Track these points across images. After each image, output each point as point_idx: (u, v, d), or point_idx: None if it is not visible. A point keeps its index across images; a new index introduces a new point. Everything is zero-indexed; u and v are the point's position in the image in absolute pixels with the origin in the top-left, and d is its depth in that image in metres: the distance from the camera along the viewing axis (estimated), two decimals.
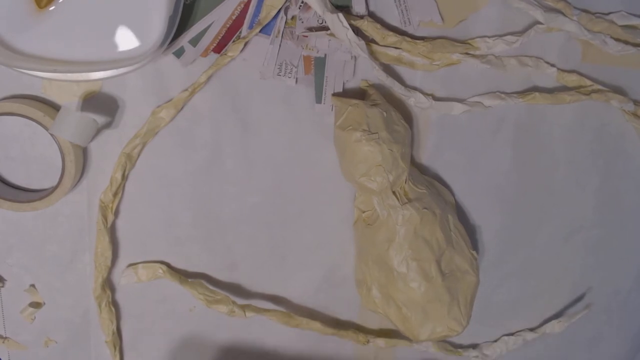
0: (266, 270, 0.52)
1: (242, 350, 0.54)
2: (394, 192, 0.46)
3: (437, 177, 0.52)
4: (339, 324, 0.53)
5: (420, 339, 0.48)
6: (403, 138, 0.46)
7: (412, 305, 0.47)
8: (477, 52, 0.49)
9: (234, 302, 0.49)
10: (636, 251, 0.58)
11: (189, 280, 0.50)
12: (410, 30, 0.47)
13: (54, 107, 0.44)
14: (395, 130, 0.45)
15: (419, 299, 0.47)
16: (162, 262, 0.50)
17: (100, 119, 0.45)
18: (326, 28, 0.45)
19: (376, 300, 0.49)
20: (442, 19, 0.47)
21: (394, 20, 0.47)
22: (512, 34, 0.49)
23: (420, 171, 0.51)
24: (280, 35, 0.45)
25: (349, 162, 0.46)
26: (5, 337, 0.50)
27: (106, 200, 0.46)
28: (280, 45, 0.45)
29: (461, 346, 0.57)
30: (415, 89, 0.49)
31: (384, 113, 0.45)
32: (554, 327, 0.57)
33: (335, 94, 0.47)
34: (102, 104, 0.45)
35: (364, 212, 0.48)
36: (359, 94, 0.48)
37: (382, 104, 0.46)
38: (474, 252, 0.50)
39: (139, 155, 0.46)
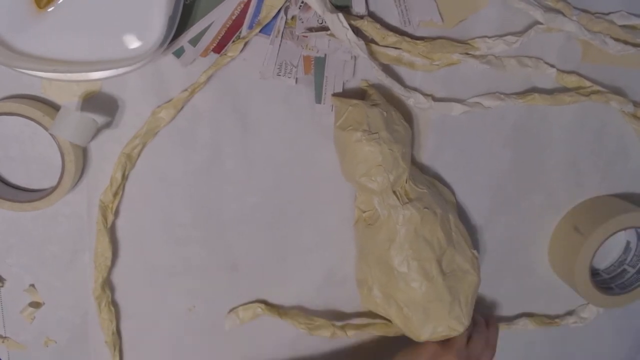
0: (266, 270, 0.52)
1: (243, 348, 0.54)
2: (394, 192, 0.46)
3: (438, 177, 0.52)
4: None
5: (421, 339, 0.48)
6: (403, 138, 0.46)
7: (413, 305, 0.47)
8: (477, 53, 0.48)
9: (334, 325, 0.51)
10: None
11: (288, 312, 0.52)
12: (410, 30, 0.47)
13: (54, 107, 0.44)
14: (396, 130, 0.45)
15: (420, 299, 0.47)
16: (259, 301, 0.52)
17: (100, 119, 0.45)
18: (326, 28, 0.45)
19: (377, 300, 0.49)
20: (442, 19, 0.47)
21: (394, 20, 0.47)
22: (512, 34, 0.49)
23: (421, 171, 0.51)
24: (280, 35, 0.45)
25: (350, 162, 0.45)
26: (5, 337, 0.50)
27: (106, 200, 0.46)
28: (280, 45, 0.45)
29: (557, 316, 0.59)
30: (415, 89, 0.49)
31: (384, 113, 0.45)
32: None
33: (335, 94, 0.47)
34: (102, 104, 0.45)
35: (364, 212, 0.48)
36: (359, 94, 0.48)
37: (382, 104, 0.46)
38: (474, 252, 0.50)
39: (139, 156, 0.46)
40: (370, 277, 0.49)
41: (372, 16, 0.46)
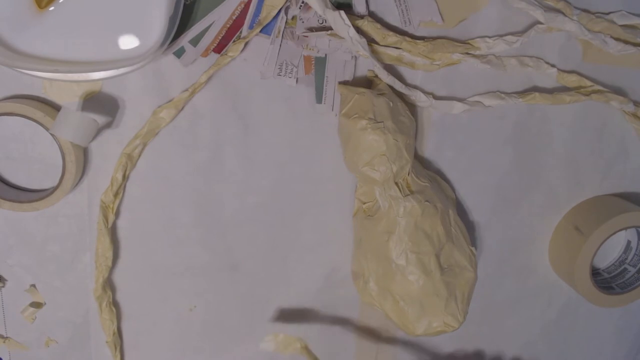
0: (267, 270, 0.52)
1: (242, 349, 0.54)
2: (396, 183, 0.46)
3: (438, 175, 0.52)
4: None
5: (416, 334, 0.48)
6: (408, 129, 0.46)
7: (409, 299, 0.47)
8: (478, 52, 0.49)
9: None
10: None
11: None
12: (410, 30, 0.47)
13: (55, 107, 0.44)
14: (401, 120, 0.45)
15: (417, 293, 0.47)
16: (300, 339, 0.53)
17: (101, 119, 0.45)
18: (327, 28, 0.45)
19: (373, 293, 0.48)
20: (443, 18, 0.47)
21: (394, 20, 0.47)
22: (512, 33, 0.49)
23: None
24: (281, 35, 0.45)
25: (353, 151, 0.45)
26: (6, 337, 0.50)
27: (107, 201, 0.46)
28: (280, 45, 0.45)
29: None
30: (416, 87, 0.49)
31: (391, 103, 0.45)
32: None
33: (341, 82, 0.47)
34: (102, 104, 0.45)
35: (364, 203, 0.48)
36: (366, 84, 0.48)
37: (388, 93, 0.46)
38: (472, 249, 0.50)
39: (139, 156, 0.46)
40: (367, 269, 0.48)
41: (373, 16, 0.46)
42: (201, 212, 0.49)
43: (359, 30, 0.45)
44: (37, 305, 0.49)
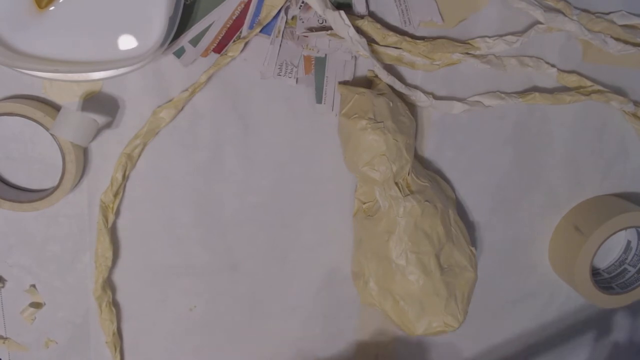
0: (267, 270, 0.52)
1: (242, 349, 0.54)
2: (396, 183, 0.46)
3: (438, 174, 0.52)
4: None
5: (416, 333, 0.48)
6: (408, 129, 0.46)
7: (409, 299, 0.47)
8: (478, 52, 0.49)
9: None
10: None
11: None
12: (410, 30, 0.47)
13: (55, 107, 0.44)
14: (401, 120, 0.45)
15: (417, 293, 0.47)
16: None
17: (101, 119, 0.45)
18: (327, 28, 0.45)
19: (373, 293, 0.48)
20: (443, 18, 0.47)
21: (394, 20, 0.47)
22: (512, 33, 0.49)
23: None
24: (281, 35, 0.45)
25: (353, 151, 0.45)
26: (6, 338, 0.50)
27: (107, 201, 0.46)
28: (280, 45, 0.45)
29: None
30: (416, 87, 0.49)
31: (390, 103, 0.45)
32: None
33: (341, 82, 0.47)
34: (102, 104, 0.45)
35: (364, 203, 0.48)
36: (366, 84, 0.48)
37: (388, 93, 0.46)
38: (472, 249, 0.50)
39: (139, 156, 0.46)
40: (367, 269, 0.48)
41: (373, 16, 0.46)
42: (201, 212, 0.49)
43: (359, 30, 0.45)
44: (36, 305, 0.49)
